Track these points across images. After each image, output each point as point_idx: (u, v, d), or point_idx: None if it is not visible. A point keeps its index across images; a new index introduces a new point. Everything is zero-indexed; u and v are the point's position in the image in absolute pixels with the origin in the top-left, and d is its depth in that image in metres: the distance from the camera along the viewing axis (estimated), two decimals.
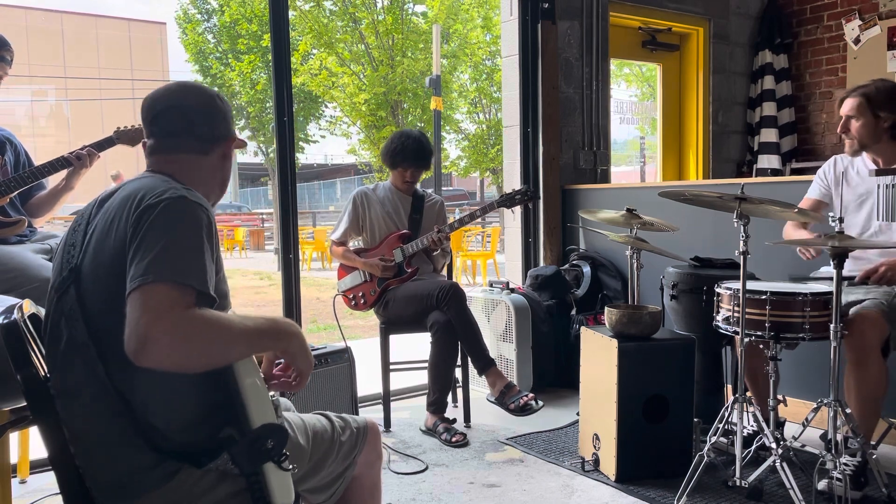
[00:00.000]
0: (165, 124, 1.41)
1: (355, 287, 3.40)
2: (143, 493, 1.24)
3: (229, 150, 1.49)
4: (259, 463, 1.21)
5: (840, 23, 5.12)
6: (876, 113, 2.60)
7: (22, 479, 2.70)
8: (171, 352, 1.09)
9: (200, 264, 1.18)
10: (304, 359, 1.36)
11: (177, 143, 1.41)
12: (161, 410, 1.23)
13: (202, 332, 1.12)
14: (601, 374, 2.62)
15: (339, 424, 1.53)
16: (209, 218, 1.26)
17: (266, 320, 1.28)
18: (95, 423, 1.24)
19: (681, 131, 5.26)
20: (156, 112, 1.41)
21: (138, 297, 1.11)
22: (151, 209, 1.20)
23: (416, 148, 3.32)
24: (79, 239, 1.30)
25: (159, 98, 1.43)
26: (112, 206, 1.28)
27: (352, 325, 6.83)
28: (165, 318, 1.09)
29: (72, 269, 1.27)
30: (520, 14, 4.21)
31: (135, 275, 1.13)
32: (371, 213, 3.41)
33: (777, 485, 2.44)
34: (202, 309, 1.15)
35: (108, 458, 1.24)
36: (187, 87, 1.47)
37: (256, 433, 1.21)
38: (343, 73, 15.97)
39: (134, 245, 1.17)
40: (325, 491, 1.49)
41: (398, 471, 2.78)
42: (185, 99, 1.43)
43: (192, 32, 19.35)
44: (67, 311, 1.25)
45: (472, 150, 17.90)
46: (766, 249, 2.87)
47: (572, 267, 4.12)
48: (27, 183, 2.50)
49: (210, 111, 1.44)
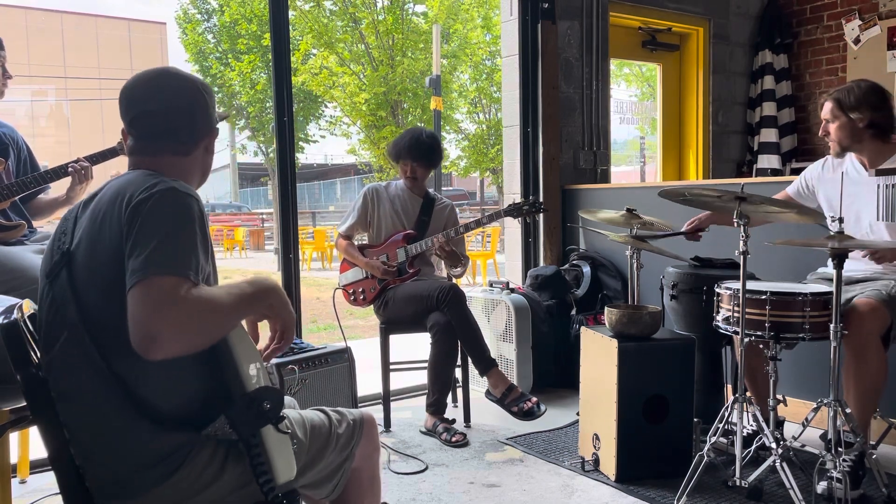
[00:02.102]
0: (144, 127, 1.38)
1: (356, 282, 3.40)
2: (144, 491, 1.24)
3: (211, 143, 1.47)
4: (257, 425, 1.23)
5: (840, 23, 5.12)
6: (848, 115, 2.62)
7: (22, 479, 2.70)
8: (176, 342, 1.12)
9: (195, 255, 1.20)
10: (286, 310, 1.37)
11: (157, 147, 1.38)
12: (164, 387, 1.24)
13: (201, 316, 1.16)
14: (601, 374, 2.62)
15: (336, 417, 1.54)
16: (199, 207, 1.27)
17: (247, 284, 1.29)
18: (95, 412, 1.24)
19: (681, 131, 5.26)
20: (134, 114, 1.38)
21: (138, 292, 1.13)
22: (143, 204, 1.21)
23: (420, 143, 3.32)
24: (69, 227, 1.32)
25: (137, 97, 1.38)
26: (102, 202, 1.29)
27: (352, 325, 6.83)
28: (167, 311, 1.12)
29: (63, 252, 1.28)
30: (520, 14, 4.21)
31: (134, 270, 1.15)
32: (380, 210, 3.41)
33: (777, 485, 2.44)
34: (196, 289, 1.17)
35: (110, 451, 1.24)
36: (166, 81, 1.40)
37: (252, 395, 1.24)
38: (343, 72, 15.97)
39: (130, 241, 1.19)
40: (326, 484, 1.49)
41: (398, 471, 2.78)
42: (164, 99, 1.38)
43: (192, 32, 19.34)
44: (59, 295, 1.26)
45: (472, 150, 17.90)
46: (766, 249, 2.87)
47: (572, 267, 4.12)
48: (28, 189, 2.51)
49: (191, 109, 1.40)
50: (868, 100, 2.60)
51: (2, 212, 2.49)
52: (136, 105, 1.38)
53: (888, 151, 2.64)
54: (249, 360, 1.29)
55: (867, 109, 2.60)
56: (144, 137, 1.39)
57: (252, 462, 1.25)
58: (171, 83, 1.40)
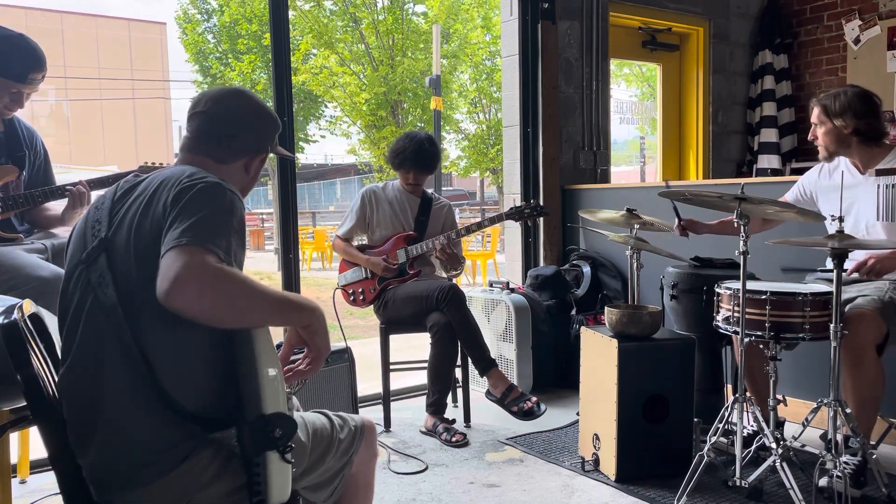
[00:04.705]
0: (195, 126, 1.48)
1: (356, 283, 3.40)
2: (150, 481, 1.25)
3: (252, 165, 1.54)
4: (263, 449, 1.23)
5: (840, 23, 5.12)
6: (833, 121, 2.63)
7: (22, 479, 2.70)
8: (199, 297, 1.15)
9: (228, 239, 1.25)
10: (322, 337, 1.41)
11: (200, 147, 1.48)
12: (182, 376, 1.26)
13: (230, 284, 1.18)
14: (601, 374, 2.62)
15: (338, 423, 1.55)
16: (240, 206, 1.33)
17: (291, 294, 1.35)
18: (119, 392, 1.25)
19: (681, 131, 5.26)
20: (192, 112, 1.49)
21: (170, 255, 1.18)
22: (188, 189, 1.28)
23: (419, 151, 3.31)
24: (104, 216, 1.36)
25: (202, 100, 1.50)
26: (147, 190, 1.34)
27: (352, 325, 6.83)
28: (197, 268, 1.16)
29: (101, 239, 1.32)
30: (520, 14, 4.21)
31: (169, 240, 1.20)
32: (378, 212, 3.41)
33: (777, 485, 2.44)
34: (231, 267, 1.21)
35: (127, 434, 1.25)
36: (231, 96, 1.52)
37: (267, 419, 1.23)
38: (343, 72, 15.97)
39: (170, 218, 1.24)
40: (325, 489, 1.50)
41: (398, 471, 2.78)
42: (220, 108, 1.49)
43: (192, 32, 19.31)
44: (96, 279, 1.29)
45: (472, 150, 17.88)
46: (766, 249, 2.88)
47: (572, 267, 4.12)
48: (35, 204, 2.50)
49: (238, 123, 1.49)
50: (853, 107, 2.60)
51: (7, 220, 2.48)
52: (197, 105, 1.50)
53: (879, 154, 2.64)
54: (275, 395, 1.28)
55: (851, 117, 2.60)
56: (192, 135, 1.49)
57: (249, 480, 1.24)
58: (234, 99, 1.52)
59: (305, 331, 1.40)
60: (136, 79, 26.42)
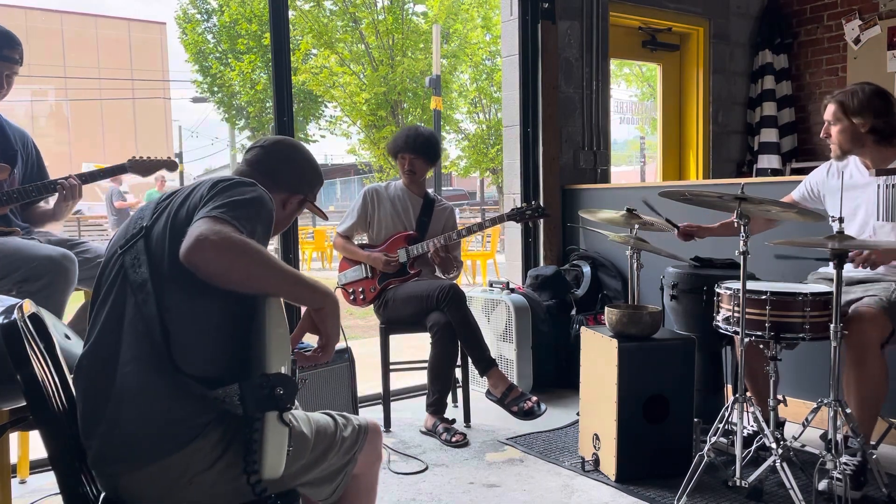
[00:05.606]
0: (251, 156, 1.65)
1: (356, 282, 3.40)
2: (158, 457, 1.27)
3: (290, 203, 1.66)
4: (265, 407, 1.26)
5: (840, 23, 5.12)
6: (851, 119, 2.60)
7: (22, 479, 2.70)
8: (217, 256, 1.22)
9: (254, 226, 1.33)
10: (334, 322, 1.45)
11: (250, 171, 1.61)
12: (194, 343, 1.30)
13: (248, 251, 1.25)
14: (601, 374, 2.62)
15: (342, 422, 1.56)
16: (272, 210, 1.41)
17: (313, 279, 1.41)
18: (141, 366, 1.29)
19: (681, 131, 5.26)
20: (252, 146, 1.68)
21: (200, 221, 1.27)
22: (227, 180, 1.41)
23: (417, 136, 3.31)
24: (147, 213, 1.43)
25: (264, 139, 1.69)
26: (193, 186, 1.44)
27: (352, 325, 6.83)
28: (220, 232, 1.24)
29: (142, 227, 1.40)
30: (520, 14, 4.21)
31: (199, 216, 1.30)
32: (380, 211, 3.41)
33: (777, 485, 2.44)
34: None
35: (146, 406, 1.28)
36: (291, 143, 1.70)
37: (270, 377, 1.26)
38: (343, 72, 15.97)
39: (204, 200, 1.35)
40: (327, 486, 1.50)
41: (398, 471, 2.78)
42: (271, 147, 1.65)
43: (191, 32, 19.32)
44: (130, 261, 1.36)
45: (472, 150, 17.89)
46: (767, 249, 2.87)
47: (572, 267, 4.12)
48: (29, 198, 2.51)
49: (282, 163, 1.63)
50: (872, 105, 2.57)
51: (3, 216, 2.49)
52: (258, 142, 1.68)
53: (892, 155, 2.62)
54: (280, 353, 1.31)
55: (870, 115, 2.56)
56: (246, 163, 1.64)
57: (245, 442, 1.27)
58: (291, 145, 1.69)
59: (318, 314, 1.44)
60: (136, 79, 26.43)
